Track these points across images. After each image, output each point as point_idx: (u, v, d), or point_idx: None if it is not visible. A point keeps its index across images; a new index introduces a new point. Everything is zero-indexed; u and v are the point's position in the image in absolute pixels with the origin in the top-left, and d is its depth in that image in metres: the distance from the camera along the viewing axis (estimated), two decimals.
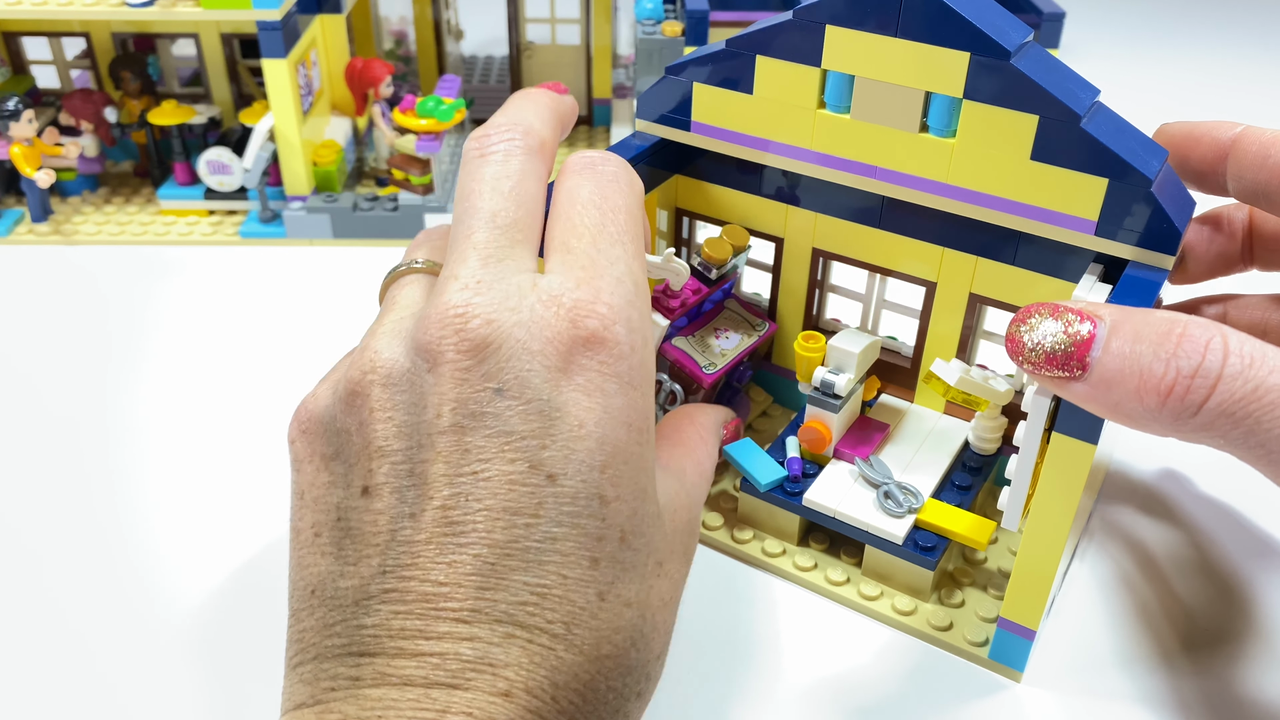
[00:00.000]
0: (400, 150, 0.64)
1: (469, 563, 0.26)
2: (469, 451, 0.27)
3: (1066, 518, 0.33)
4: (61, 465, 0.46)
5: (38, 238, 0.64)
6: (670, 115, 0.42)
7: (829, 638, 0.39)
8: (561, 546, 0.27)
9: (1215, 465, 0.45)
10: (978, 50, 0.34)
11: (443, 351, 0.28)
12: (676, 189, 0.45)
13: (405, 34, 0.84)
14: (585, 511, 0.27)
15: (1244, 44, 1.01)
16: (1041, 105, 0.34)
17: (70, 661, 0.37)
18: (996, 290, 0.40)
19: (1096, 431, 0.31)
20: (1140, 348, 0.28)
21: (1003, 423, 0.42)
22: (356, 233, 0.64)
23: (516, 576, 0.26)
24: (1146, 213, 0.34)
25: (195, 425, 0.49)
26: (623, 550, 0.28)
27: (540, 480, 0.27)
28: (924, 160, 0.37)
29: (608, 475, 0.27)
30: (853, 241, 0.42)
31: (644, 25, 0.63)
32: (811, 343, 0.41)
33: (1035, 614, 0.36)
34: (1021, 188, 0.36)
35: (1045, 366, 0.29)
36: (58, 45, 0.72)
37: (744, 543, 0.42)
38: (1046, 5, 0.64)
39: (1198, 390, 0.27)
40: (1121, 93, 0.89)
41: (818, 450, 0.42)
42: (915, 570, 0.39)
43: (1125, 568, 0.43)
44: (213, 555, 0.42)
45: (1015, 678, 0.38)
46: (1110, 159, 0.34)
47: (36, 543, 0.42)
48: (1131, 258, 0.35)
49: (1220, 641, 0.39)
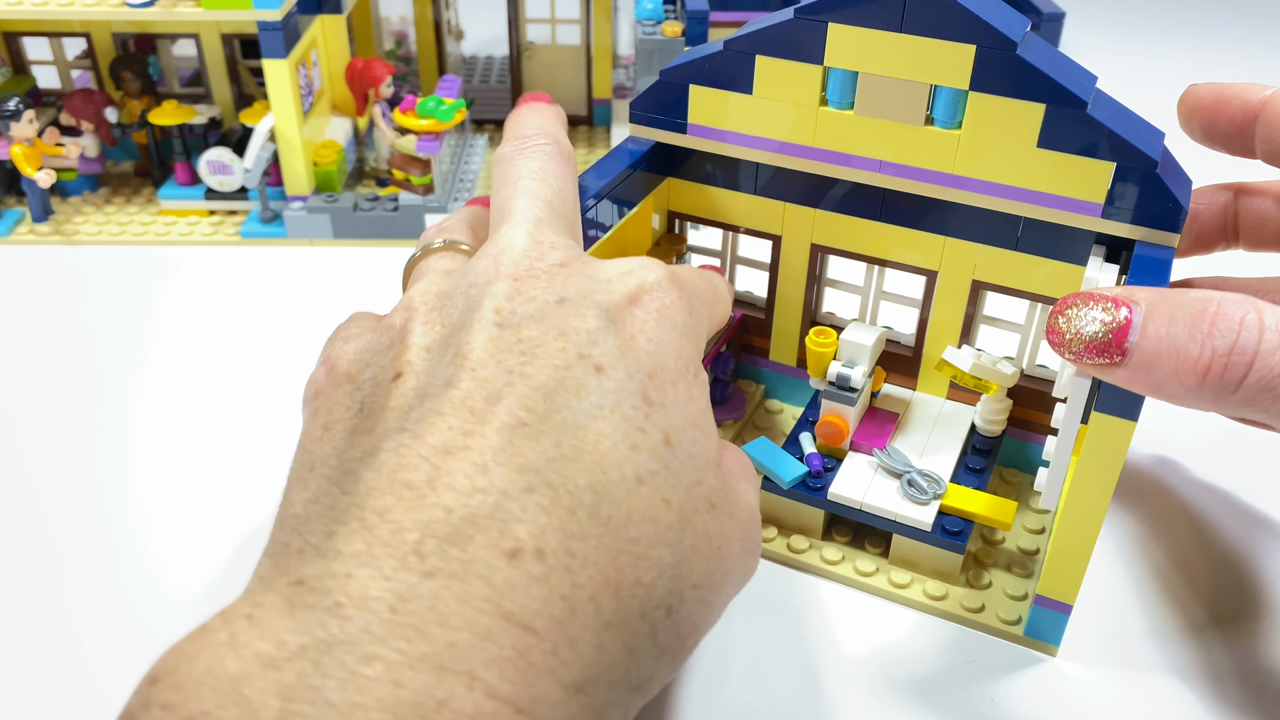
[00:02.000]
0: (401, 150, 0.64)
1: (501, 418, 0.24)
2: (520, 339, 0.26)
3: (1106, 494, 0.34)
4: (62, 465, 0.47)
5: (38, 238, 0.65)
6: (665, 118, 0.42)
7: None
8: (601, 425, 0.25)
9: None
10: (984, 42, 0.35)
11: (503, 275, 0.28)
12: (669, 192, 0.46)
13: (405, 34, 0.84)
14: (629, 403, 0.26)
15: (1244, 44, 1.01)
16: (1048, 94, 0.35)
17: (68, 660, 0.38)
18: (999, 276, 0.41)
19: (1137, 409, 0.31)
20: (1176, 329, 0.28)
21: (1008, 404, 0.43)
22: (357, 233, 0.64)
23: (549, 438, 0.24)
24: (1152, 193, 0.35)
25: (196, 425, 0.49)
26: (667, 451, 0.26)
27: (587, 369, 0.26)
28: (930, 153, 0.38)
29: (655, 382, 0.27)
30: (852, 235, 0.43)
31: (644, 25, 0.63)
32: (823, 338, 0.42)
33: (1073, 589, 0.36)
34: (1028, 175, 0.37)
35: (1086, 355, 0.30)
36: (58, 45, 0.72)
37: (769, 541, 0.42)
38: (1046, 5, 0.64)
39: (1235, 368, 0.27)
40: (1121, 93, 0.89)
41: (836, 444, 0.42)
42: (944, 555, 0.40)
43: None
44: (213, 555, 0.42)
45: (1051, 652, 0.38)
46: (1116, 142, 0.35)
47: (36, 542, 0.42)
48: (1138, 238, 0.36)
49: (1248, 614, 0.40)
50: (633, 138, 0.43)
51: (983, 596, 0.40)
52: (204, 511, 0.44)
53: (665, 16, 0.65)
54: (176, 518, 0.44)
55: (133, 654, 0.38)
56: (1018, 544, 0.42)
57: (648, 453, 0.26)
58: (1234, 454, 0.48)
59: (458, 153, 0.70)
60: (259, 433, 0.49)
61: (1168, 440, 0.49)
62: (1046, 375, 0.44)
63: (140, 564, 0.41)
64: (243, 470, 0.47)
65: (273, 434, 0.49)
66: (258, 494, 0.45)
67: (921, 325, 0.44)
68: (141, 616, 0.39)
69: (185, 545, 0.42)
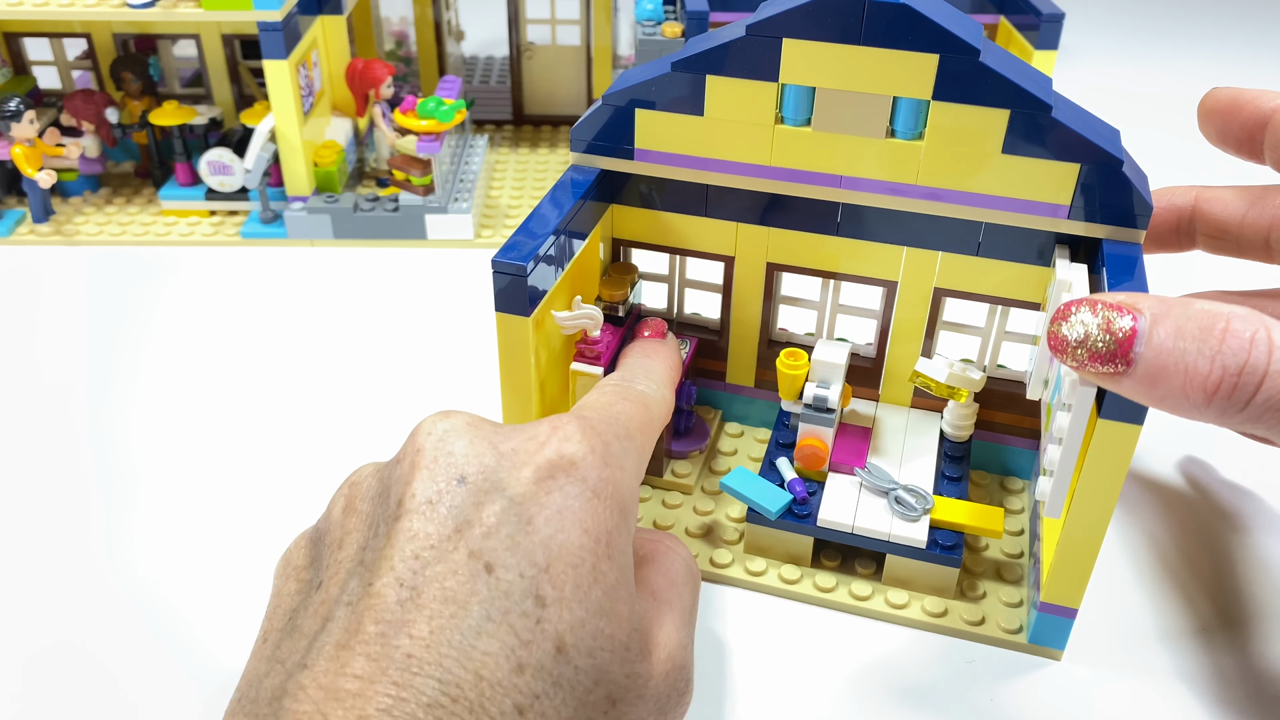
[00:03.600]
0: (401, 151, 0.64)
1: (386, 656, 0.24)
2: (415, 537, 0.26)
3: (1111, 500, 0.34)
4: (63, 466, 0.47)
5: (39, 238, 0.65)
6: (610, 145, 0.41)
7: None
8: (487, 644, 0.25)
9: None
10: (946, 51, 0.35)
11: (420, 449, 0.28)
12: (613, 219, 0.44)
13: (406, 35, 0.85)
14: (519, 609, 0.26)
15: (1244, 44, 1.01)
16: (1013, 99, 0.35)
17: (65, 657, 0.38)
18: (960, 281, 0.41)
19: (1143, 414, 0.32)
20: (1184, 344, 0.28)
21: (975, 409, 0.43)
22: (357, 233, 0.64)
23: (431, 674, 0.24)
24: (1118, 192, 0.35)
25: (196, 425, 0.49)
26: (558, 663, 0.26)
27: (477, 571, 0.26)
28: (892, 164, 0.38)
29: (552, 575, 0.26)
30: (809, 252, 0.42)
31: (644, 26, 0.63)
32: (796, 360, 0.41)
33: (1078, 593, 0.36)
34: (993, 181, 0.37)
35: (1090, 363, 0.29)
36: (59, 46, 0.73)
37: (759, 574, 0.41)
38: (1046, 5, 0.64)
39: (1245, 387, 0.27)
40: (1121, 92, 0.89)
41: (816, 467, 0.42)
42: (940, 571, 0.40)
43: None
44: (212, 555, 0.43)
45: (1056, 656, 0.38)
46: (1081, 144, 0.35)
47: (36, 542, 0.43)
48: (1104, 236, 0.36)
49: (1254, 616, 0.40)
50: (576, 166, 0.42)
51: (981, 609, 0.40)
52: (203, 511, 0.44)
53: (665, 17, 0.65)
54: (176, 517, 0.44)
55: (133, 653, 0.38)
56: (1002, 549, 0.42)
57: (534, 672, 0.25)
58: (1240, 454, 0.48)
59: (458, 153, 0.70)
60: (259, 433, 0.49)
61: (1173, 441, 0.49)
62: (1008, 376, 0.44)
63: (139, 563, 0.42)
64: (242, 470, 0.47)
65: (272, 434, 0.49)
66: (257, 494, 0.45)
67: (882, 336, 0.44)
68: (141, 616, 0.40)
69: (185, 545, 0.43)
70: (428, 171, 0.64)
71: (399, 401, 0.51)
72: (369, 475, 0.30)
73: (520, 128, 0.82)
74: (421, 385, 0.53)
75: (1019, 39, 0.67)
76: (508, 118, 0.82)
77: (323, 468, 0.46)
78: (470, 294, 0.60)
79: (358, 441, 0.49)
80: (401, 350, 0.55)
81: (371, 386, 0.52)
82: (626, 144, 0.40)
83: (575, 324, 0.39)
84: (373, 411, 0.51)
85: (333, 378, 0.53)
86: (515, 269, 0.35)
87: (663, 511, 0.44)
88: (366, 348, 0.55)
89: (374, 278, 0.62)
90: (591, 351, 0.40)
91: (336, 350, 0.55)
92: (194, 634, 0.39)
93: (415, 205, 0.64)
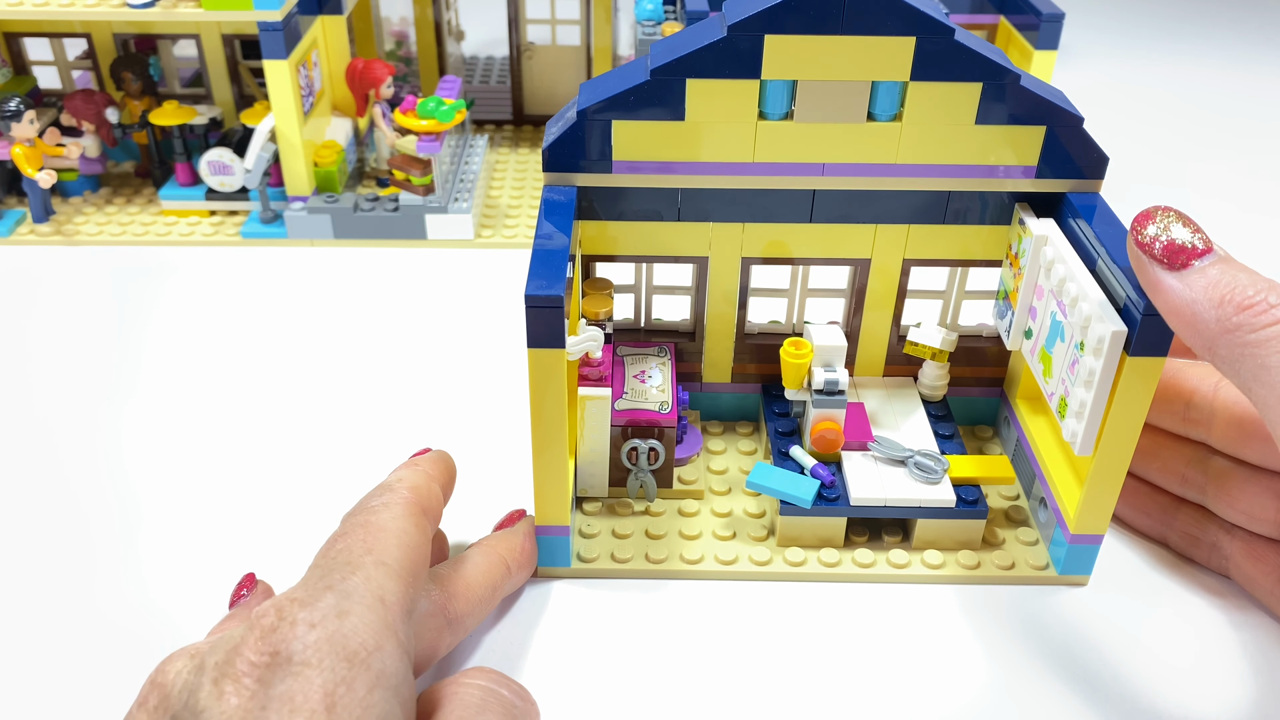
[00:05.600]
0: (401, 151, 0.64)
1: None
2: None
3: (1137, 429, 0.36)
4: (63, 465, 0.47)
5: (39, 238, 0.65)
6: (587, 160, 0.40)
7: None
8: None
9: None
10: (923, 32, 0.37)
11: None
12: (579, 235, 0.43)
13: (406, 35, 0.85)
14: None
15: (1243, 44, 1.01)
16: (984, 73, 0.38)
17: (64, 656, 0.39)
18: (928, 250, 0.43)
19: (1167, 343, 0.35)
20: (1241, 276, 0.32)
21: (948, 367, 0.45)
22: (357, 233, 0.64)
23: None
24: (1079, 147, 0.39)
25: (196, 426, 0.50)
26: None
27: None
28: (872, 147, 0.40)
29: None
30: (783, 242, 0.43)
31: (644, 26, 0.63)
32: (800, 349, 0.42)
33: (1104, 521, 0.39)
34: (967, 151, 0.40)
35: (1165, 253, 0.33)
36: (59, 46, 0.73)
37: (800, 564, 0.42)
38: (1046, 5, 0.64)
39: (1274, 313, 0.31)
40: (1121, 92, 0.89)
41: (833, 449, 0.43)
42: (968, 525, 0.42)
43: None
44: (210, 554, 0.43)
45: (1083, 582, 0.41)
46: (1045, 107, 0.38)
47: (35, 542, 0.43)
48: (1067, 190, 0.40)
49: None
50: (551, 187, 0.41)
51: (1010, 554, 0.42)
52: (203, 511, 0.45)
53: (665, 17, 0.65)
54: (175, 517, 0.44)
55: (132, 653, 0.38)
56: (999, 492, 0.44)
57: None
58: None
59: (458, 153, 0.70)
60: (259, 433, 0.49)
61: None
62: (968, 331, 0.46)
63: (138, 563, 0.42)
64: (242, 470, 0.47)
65: (272, 434, 0.49)
66: (256, 493, 0.45)
67: (852, 312, 0.45)
68: (139, 616, 0.40)
69: (184, 545, 0.43)
70: (428, 171, 0.64)
71: (399, 401, 0.52)
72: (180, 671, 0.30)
73: (520, 128, 0.82)
74: (421, 385, 0.53)
75: (1019, 39, 0.67)
76: (508, 118, 0.82)
77: (323, 468, 0.47)
78: (470, 294, 0.60)
79: (358, 442, 0.49)
80: (401, 350, 0.55)
81: (372, 387, 0.53)
82: (604, 157, 0.40)
83: (582, 348, 0.38)
84: (373, 411, 0.51)
85: (333, 378, 0.53)
86: (553, 301, 0.34)
87: (682, 521, 0.44)
88: (366, 348, 0.56)
89: (374, 278, 0.62)
90: (595, 374, 0.41)
91: (337, 350, 0.55)
92: (194, 634, 0.39)
93: (415, 205, 0.64)
